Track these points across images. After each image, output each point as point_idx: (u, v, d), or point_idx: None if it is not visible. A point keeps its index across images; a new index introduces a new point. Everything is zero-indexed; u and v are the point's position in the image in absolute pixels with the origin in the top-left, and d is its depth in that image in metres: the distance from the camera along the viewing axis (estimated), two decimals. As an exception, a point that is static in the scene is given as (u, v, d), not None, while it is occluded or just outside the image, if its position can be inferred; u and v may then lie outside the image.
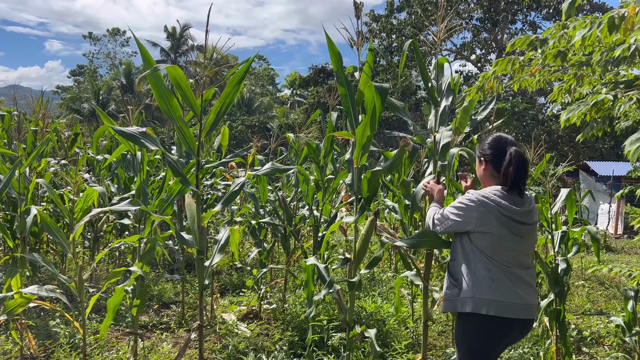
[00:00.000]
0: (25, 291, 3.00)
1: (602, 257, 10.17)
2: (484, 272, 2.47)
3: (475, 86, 4.95)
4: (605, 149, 21.35)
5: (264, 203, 5.97)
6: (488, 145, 2.65)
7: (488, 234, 2.46)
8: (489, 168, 2.62)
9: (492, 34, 27.77)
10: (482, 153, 2.66)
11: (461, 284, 2.52)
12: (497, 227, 2.45)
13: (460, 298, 2.51)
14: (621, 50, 3.17)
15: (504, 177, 2.53)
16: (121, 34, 53.70)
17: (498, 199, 2.47)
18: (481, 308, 2.44)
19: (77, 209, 3.81)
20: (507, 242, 2.48)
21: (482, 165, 2.66)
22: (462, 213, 2.51)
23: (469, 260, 2.52)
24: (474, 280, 2.48)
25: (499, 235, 2.46)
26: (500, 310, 2.44)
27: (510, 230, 2.47)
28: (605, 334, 5.06)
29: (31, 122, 7.15)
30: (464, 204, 2.52)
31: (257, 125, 31.46)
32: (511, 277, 2.48)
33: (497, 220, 2.45)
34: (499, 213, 2.45)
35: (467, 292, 2.48)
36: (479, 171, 2.71)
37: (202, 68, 3.08)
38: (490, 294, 2.44)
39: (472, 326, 2.52)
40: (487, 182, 2.66)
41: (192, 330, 3.18)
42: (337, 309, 3.47)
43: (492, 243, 2.47)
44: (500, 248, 2.48)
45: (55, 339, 4.52)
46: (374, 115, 2.97)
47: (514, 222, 2.47)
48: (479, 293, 2.46)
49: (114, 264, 7.18)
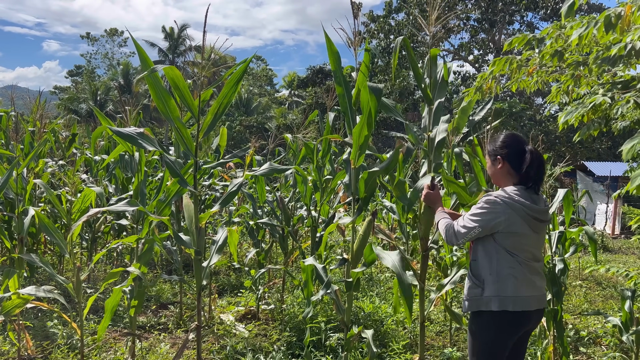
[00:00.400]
0: (22, 292, 3.00)
1: (600, 257, 10.19)
2: (508, 270, 2.51)
3: (474, 87, 4.96)
4: (602, 149, 21.41)
5: (262, 203, 5.97)
6: (503, 143, 2.65)
7: (514, 233, 2.50)
8: (506, 166, 2.62)
9: (489, 35, 27.81)
10: (498, 151, 2.65)
11: (484, 283, 2.54)
12: (522, 227, 2.50)
13: (484, 297, 2.53)
14: (617, 49, 3.18)
15: (524, 176, 2.57)
16: (119, 34, 53.64)
17: (522, 199, 2.51)
18: (507, 305, 2.50)
19: (75, 209, 3.81)
20: (529, 239, 2.54)
21: (498, 163, 2.65)
22: (489, 217, 2.50)
23: (492, 259, 2.54)
24: (498, 278, 2.51)
25: (522, 233, 2.51)
26: (524, 304, 2.52)
27: (531, 229, 2.53)
28: (603, 334, 5.07)
29: (29, 122, 7.14)
30: (488, 208, 2.51)
31: (255, 125, 31.46)
32: (531, 271, 2.56)
33: (522, 219, 2.49)
34: (524, 213, 2.49)
35: (492, 291, 2.51)
36: (494, 169, 2.69)
37: (200, 68, 3.08)
38: (514, 290, 2.50)
39: (495, 322, 2.55)
40: (503, 181, 2.66)
41: (190, 331, 3.18)
42: (335, 310, 3.47)
43: (516, 242, 2.52)
44: (523, 245, 2.53)
45: (53, 340, 4.51)
46: (370, 115, 2.97)
47: (535, 220, 2.53)
48: (504, 291, 2.50)
49: (112, 264, 7.18)
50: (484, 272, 2.56)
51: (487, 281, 2.54)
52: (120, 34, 53.54)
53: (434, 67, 3.45)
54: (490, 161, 2.71)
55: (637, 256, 10.92)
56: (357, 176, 3.23)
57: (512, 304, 2.50)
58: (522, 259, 2.53)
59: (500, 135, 2.71)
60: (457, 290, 5.77)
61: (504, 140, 2.66)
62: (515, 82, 4.93)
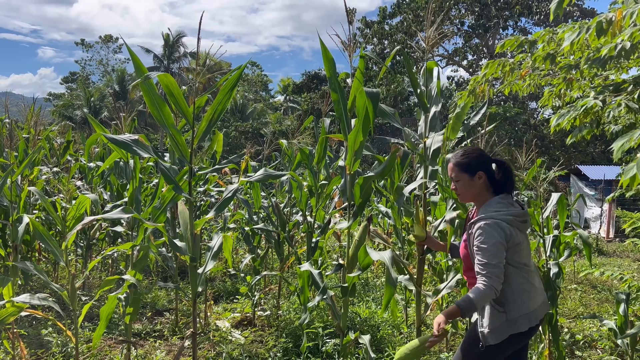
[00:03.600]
0: (17, 300, 2.98)
1: (594, 261, 10.23)
2: (521, 286, 2.51)
3: (467, 90, 4.99)
4: (596, 153, 21.51)
5: (258, 209, 5.97)
6: (479, 157, 2.63)
7: (517, 244, 2.50)
8: (485, 179, 2.61)
9: (483, 40, 27.96)
10: (477, 166, 2.61)
11: (504, 305, 2.48)
12: (519, 235, 2.52)
13: (509, 321, 2.47)
14: (608, 49, 3.21)
15: (501, 185, 2.60)
16: (114, 41, 53.58)
17: (507, 210, 2.52)
18: (533, 321, 2.51)
19: (70, 216, 3.80)
20: (524, 244, 2.57)
21: (479, 178, 2.60)
22: (499, 238, 2.43)
23: (507, 279, 2.48)
24: (516, 298, 2.49)
25: (520, 242, 2.52)
26: (541, 314, 2.58)
27: (523, 234, 2.57)
28: (598, 338, 5.09)
29: (23, 129, 7.12)
30: (492, 233, 2.43)
31: (250, 131, 31.47)
32: (534, 277, 2.60)
33: (516, 228, 2.52)
34: (515, 222, 2.52)
35: (516, 312, 2.47)
36: (473, 185, 2.62)
37: (195, 75, 3.08)
38: (532, 304, 2.52)
39: (517, 341, 2.52)
40: (483, 195, 2.63)
41: (186, 338, 3.17)
42: (331, 315, 3.47)
43: (520, 252, 2.53)
44: (524, 253, 2.56)
45: (48, 348, 4.49)
46: (366, 121, 2.99)
47: (522, 223, 2.56)
48: (526, 308, 2.49)
49: (107, 271, 7.14)
50: (504, 295, 2.48)
51: (508, 304, 2.48)
52: (115, 40, 53.50)
53: (430, 78, 3.48)
54: (468, 177, 2.62)
55: (631, 259, 10.96)
56: (353, 182, 3.24)
57: (535, 318, 2.52)
58: (527, 268, 2.55)
59: (466, 150, 2.67)
60: (452, 295, 5.78)
61: (478, 155, 2.64)
62: (508, 85, 4.96)
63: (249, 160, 6.15)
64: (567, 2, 3.30)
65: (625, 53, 3.12)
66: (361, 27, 28.65)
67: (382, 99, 27.05)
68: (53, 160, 7.58)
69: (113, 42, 53.65)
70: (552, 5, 3.33)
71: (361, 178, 3.17)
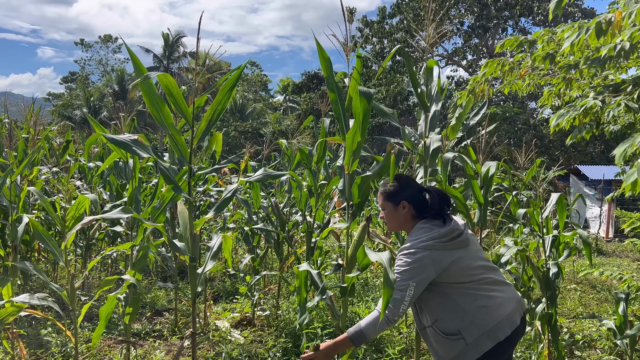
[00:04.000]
0: (16, 300, 2.98)
1: (594, 261, 10.23)
2: (472, 304, 2.35)
3: (466, 89, 4.99)
4: (595, 153, 21.51)
5: (257, 209, 5.97)
6: (402, 187, 2.57)
7: (449, 266, 2.35)
8: (411, 208, 2.54)
9: (483, 40, 27.96)
10: (401, 195, 2.56)
11: (461, 332, 2.33)
12: (449, 255, 2.36)
13: (471, 344, 2.31)
14: (607, 49, 3.21)
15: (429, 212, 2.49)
16: (113, 41, 53.57)
17: (428, 234, 2.39)
18: (499, 335, 2.32)
19: (69, 216, 3.80)
20: (464, 259, 2.39)
21: (402, 208, 2.55)
22: (415, 273, 2.31)
23: (453, 305, 2.36)
24: (472, 318, 2.33)
25: (455, 259, 2.36)
26: (511, 324, 2.37)
27: (458, 249, 2.40)
28: (598, 337, 5.09)
29: (22, 129, 7.12)
30: (408, 264, 2.33)
31: (250, 131, 31.47)
32: (491, 289, 2.40)
33: (445, 249, 2.36)
34: (441, 244, 2.36)
35: (475, 333, 2.32)
36: (397, 214, 2.58)
37: (194, 75, 3.08)
38: (493, 318, 2.34)
39: (491, 356, 2.34)
40: (408, 224, 2.56)
41: (185, 338, 3.17)
42: (331, 316, 3.47)
43: (456, 270, 2.37)
44: (464, 268, 2.39)
45: (47, 348, 4.49)
46: (364, 121, 2.99)
47: (451, 241, 2.39)
48: (486, 325, 2.32)
49: (107, 271, 7.15)
50: (455, 323, 2.35)
51: (463, 328, 2.33)
52: (114, 40, 53.50)
53: (430, 77, 3.48)
54: (392, 206, 2.58)
55: (630, 259, 10.97)
56: (351, 181, 3.24)
57: (501, 331, 2.33)
58: (475, 282, 2.38)
59: (394, 179, 2.61)
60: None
61: (403, 184, 2.58)
62: (508, 84, 4.97)
63: (248, 160, 6.15)
64: (565, 1, 3.30)
65: (625, 53, 3.12)
66: (361, 26, 28.65)
67: (382, 99, 27.08)
68: (52, 160, 7.58)
69: (112, 42, 53.66)
70: (551, 4, 3.33)
71: (359, 178, 3.16)
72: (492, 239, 8.26)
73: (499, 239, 6.36)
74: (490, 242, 8.07)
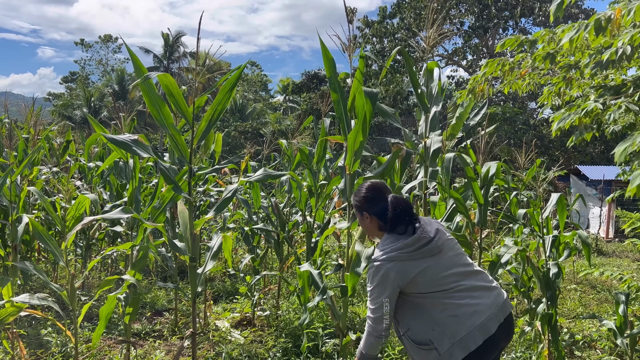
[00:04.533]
0: (16, 300, 2.98)
1: (594, 261, 10.23)
2: (442, 314, 2.30)
3: (466, 89, 4.99)
4: (595, 153, 21.51)
5: (257, 209, 5.97)
6: (365, 198, 2.55)
7: (416, 277, 2.31)
8: (374, 220, 2.52)
9: (483, 40, 27.96)
10: (363, 207, 2.55)
11: (433, 342, 2.29)
12: (415, 266, 2.32)
13: (443, 354, 2.27)
14: (609, 54, 3.21)
15: (392, 223, 2.44)
16: (113, 41, 53.56)
17: (392, 245, 2.37)
18: (470, 345, 2.26)
19: (69, 216, 3.80)
20: (433, 268, 2.34)
21: (366, 218, 2.55)
22: (384, 287, 2.31)
23: (422, 313, 2.34)
24: (441, 328, 2.29)
25: (422, 270, 2.32)
26: (484, 333, 2.30)
27: (426, 258, 2.35)
28: (598, 338, 5.09)
29: (22, 129, 7.12)
30: (375, 279, 2.33)
31: (250, 131, 31.47)
32: (464, 296, 2.34)
33: (410, 260, 2.33)
34: (406, 255, 2.33)
35: (447, 343, 2.27)
36: (364, 223, 2.59)
37: (194, 75, 3.08)
38: (464, 328, 2.28)
39: None
40: (376, 232, 2.56)
41: (185, 338, 3.17)
42: (331, 316, 3.47)
43: (424, 281, 2.32)
44: (432, 278, 2.33)
45: (47, 348, 4.49)
46: (366, 121, 2.99)
47: (420, 248, 2.35)
48: (455, 335, 2.27)
49: (107, 271, 7.14)
50: (426, 333, 2.31)
51: (434, 338, 2.29)
52: (114, 40, 53.48)
53: (431, 78, 3.49)
54: (359, 215, 2.59)
55: (631, 259, 10.97)
56: (353, 181, 3.24)
57: (472, 341, 2.26)
58: (445, 291, 2.32)
59: (362, 187, 2.60)
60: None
61: (365, 195, 2.55)
62: (508, 84, 4.97)
63: (248, 160, 6.15)
64: (566, 3, 3.30)
65: (627, 57, 3.12)
66: (361, 26, 28.64)
67: (382, 99, 27.06)
68: (52, 160, 7.58)
69: (112, 42, 53.64)
70: (552, 6, 3.33)
71: (361, 178, 3.17)
72: (492, 239, 8.26)
73: (499, 239, 6.36)
74: (490, 242, 8.06)
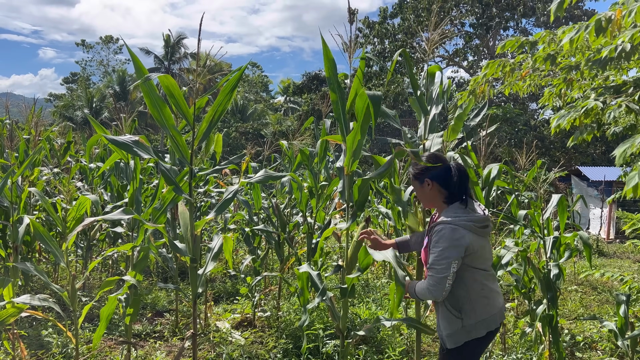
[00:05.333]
0: (17, 301, 2.99)
1: (595, 262, 10.23)
2: (478, 292, 2.51)
3: (467, 90, 4.99)
4: (596, 154, 21.50)
5: (258, 210, 5.97)
6: (424, 167, 2.62)
7: (476, 250, 2.47)
8: (436, 186, 2.59)
9: (484, 41, 27.96)
10: (425, 174, 2.61)
11: (461, 312, 2.49)
12: (478, 240, 2.49)
13: (466, 327, 2.48)
14: (608, 51, 3.21)
15: (453, 192, 2.56)
16: (114, 42, 53.62)
17: (466, 216, 2.49)
18: (491, 325, 2.52)
19: (70, 217, 3.80)
20: (485, 249, 2.55)
21: (427, 185, 2.61)
22: (456, 248, 2.42)
23: (465, 284, 2.50)
24: (473, 304, 2.49)
25: (481, 246, 2.50)
26: (501, 316, 2.58)
27: (484, 238, 2.55)
28: (598, 339, 5.08)
29: (24, 130, 7.12)
30: (448, 239, 2.43)
31: (250, 132, 31.49)
32: (494, 283, 2.60)
33: (474, 235, 2.47)
34: (475, 227, 2.47)
35: (473, 318, 2.48)
36: (424, 192, 2.65)
37: (195, 76, 3.08)
38: (491, 309, 2.52)
39: (481, 345, 2.56)
40: (435, 202, 2.64)
41: (186, 339, 3.17)
42: (331, 317, 3.47)
43: (481, 257, 2.51)
44: (485, 257, 2.55)
45: (48, 349, 4.49)
46: (365, 122, 2.99)
47: (482, 228, 2.52)
48: (484, 313, 2.50)
49: (107, 272, 7.15)
50: (461, 301, 2.50)
51: (464, 310, 2.49)
52: (115, 41, 53.54)
53: (431, 82, 3.48)
54: (419, 184, 2.66)
55: (632, 260, 10.96)
56: (351, 183, 3.24)
57: (494, 323, 2.53)
58: (486, 273, 2.55)
59: (422, 157, 2.67)
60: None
61: (426, 161, 2.62)
62: (509, 85, 4.97)
63: (249, 161, 6.15)
64: (567, 3, 3.30)
65: (626, 55, 3.12)
66: (362, 27, 28.63)
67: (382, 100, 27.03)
68: (53, 161, 7.59)
69: (113, 43, 53.71)
70: (553, 6, 3.33)
71: (359, 180, 3.17)
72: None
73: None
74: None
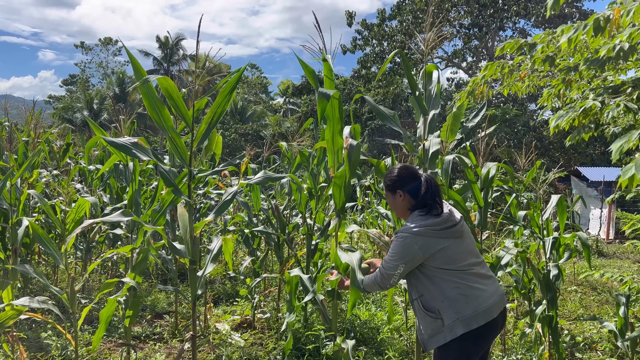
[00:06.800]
0: (16, 303, 2.98)
1: (594, 262, 10.23)
2: (454, 290, 2.53)
3: (466, 91, 4.99)
4: (595, 155, 21.51)
5: (257, 212, 5.97)
6: (399, 177, 2.71)
7: (437, 252, 2.52)
8: (407, 197, 2.69)
9: (482, 42, 27.98)
10: (397, 185, 2.71)
11: (440, 312, 2.54)
12: (439, 242, 2.53)
13: (447, 326, 2.52)
14: (606, 50, 3.21)
15: (422, 202, 2.64)
16: (113, 44, 53.61)
17: (422, 222, 2.56)
18: (472, 324, 2.51)
19: (69, 219, 3.80)
20: (453, 248, 2.56)
21: (399, 196, 2.71)
22: (405, 252, 2.54)
23: (436, 285, 2.56)
24: (450, 302, 2.52)
25: (445, 247, 2.54)
26: (486, 316, 2.54)
27: (450, 238, 2.57)
28: (598, 340, 5.08)
29: (23, 132, 7.12)
30: (399, 246, 2.56)
31: (250, 133, 31.47)
32: (475, 280, 2.58)
33: (434, 237, 2.54)
34: (432, 231, 2.54)
35: (451, 316, 2.51)
36: (395, 202, 2.75)
37: (194, 77, 3.08)
38: (470, 307, 2.52)
39: (466, 344, 2.54)
40: (406, 211, 2.73)
41: (186, 341, 3.17)
42: (322, 319, 3.47)
43: (444, 256, 2.54)
44: (452, 256, 2.55)
45: (47, 351, 4.48)
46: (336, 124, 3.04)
47: (447, 229, 2.57)
48: (461, 311, 2.51)
49: (107, 274, 7.14)
50: (436, 302, 2.55)
51: (442, 309, 2.53)
52: (114, 43, 53.52)
53: (430, 81, 3.49)
54: (391, 195, 2.76)
55: (631, 261, 10.96)
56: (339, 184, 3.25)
57: (475, 321, 2.51)
58: (461, 271, 2.55)
59: (394, 168, 2.77)
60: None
61: (399, 174, 2.72)
62: (508, 86, 4.97)
63: (248, 162, 6.15)
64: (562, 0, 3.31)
65: (624, 54, 3.12)
66: (360, 29, 28.65)
67: (381, 100, 27.06)
68: (53, 163, 7.58)
69: (113, 45, 53.68)
70: (549, 1, 3.33)
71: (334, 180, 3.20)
72: (493, 241, 8.25)
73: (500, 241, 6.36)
74: (491, 244, 8.06)
